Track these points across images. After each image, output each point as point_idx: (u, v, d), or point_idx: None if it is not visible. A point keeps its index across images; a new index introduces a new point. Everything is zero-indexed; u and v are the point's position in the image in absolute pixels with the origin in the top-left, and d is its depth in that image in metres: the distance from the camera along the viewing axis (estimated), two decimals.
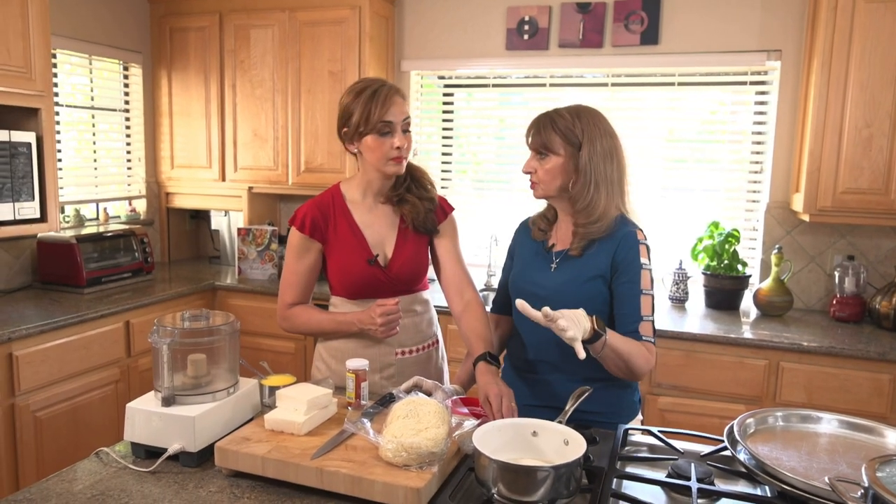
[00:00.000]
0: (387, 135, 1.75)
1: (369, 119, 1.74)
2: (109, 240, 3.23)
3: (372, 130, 1.75)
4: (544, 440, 1.32)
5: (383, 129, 1.75)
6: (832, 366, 2.50)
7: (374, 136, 1.75)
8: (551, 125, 1.62)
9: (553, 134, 1.61)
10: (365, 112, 1.74)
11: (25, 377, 2.45)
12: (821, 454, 1.38)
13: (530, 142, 1.66)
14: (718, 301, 3.02)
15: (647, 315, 1.59)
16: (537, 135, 1.63)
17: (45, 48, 2.65)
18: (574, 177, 1.63)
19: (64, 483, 1.32)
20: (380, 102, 1.74)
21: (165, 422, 1.39)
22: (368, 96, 1.75)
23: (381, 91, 1.75)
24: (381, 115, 1.73)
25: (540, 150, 1.63)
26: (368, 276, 1.83)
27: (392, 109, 1.75)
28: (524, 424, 1.34)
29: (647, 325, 1.58)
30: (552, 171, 1.62)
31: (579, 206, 1.63)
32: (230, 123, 3.64)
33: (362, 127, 1.75)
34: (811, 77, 2.81)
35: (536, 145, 1.64)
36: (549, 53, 3.37)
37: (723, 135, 3.26)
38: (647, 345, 1.58)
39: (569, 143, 1.61)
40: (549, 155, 1.62)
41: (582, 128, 1.62)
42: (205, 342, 1.48)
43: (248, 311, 3.35)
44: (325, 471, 1.26)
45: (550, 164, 1.62)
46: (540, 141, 1.63)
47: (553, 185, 1.64)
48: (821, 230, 3.04)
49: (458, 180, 3.77)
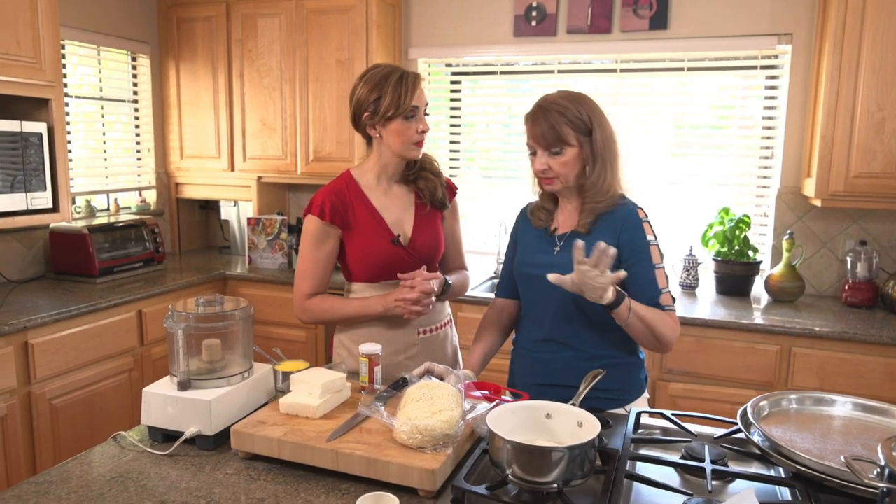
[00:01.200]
0: (412, 119, 1.80)
1: (400, 104, 1.77)
2: (121, 230, 3.25)
3: (400, 115, 1.78)
4: (558, 422, 1.32)
5: (410, 113, 1.79)
6: (844, 351, 2.50)
7: (401, 120, 1.79)
8: (560, 118, 1.59)
9: (565, 127, 1.59)
10: (395, 97, 1.77)
11: (41, 365, 2.48)
12: (835, 436, 1.38)
13: (537, 139, 1.62)
14: (729, 287, 3.02)
15: (665, 287, 1.62)
16: (547, 132, 1.60)
17: (55, 39, 2.66)
18: (591, 163, 1.63)
19: (83, 466, 1.34)
20: (409, 88, 1.78)
21: (181, 406, 1.41)
22: (396, 81, 1.78)
23: (407, 77, 1.79)
24: (410, 101, 1.78)
25: (553, 146, 1.60)
26: (392, 256, 1.85)
27: (418, 95, 1.80)
28: (538, 407, 1.34)
29: (667, 296, 1.62)
30: (569, 163, 1.62)
31: (595, 189, 1.64)
32: (238, 113, 3.64)
33: (391, 111, 1.77)
34: (822, 61, 2.79)
35: (548, 143, 1.60)
36: (557, 40, 3.35)
37: (733, 120, 3.24)
38: (671, 313, 1.61)
39: (580, 131, 1.61)
40: (563, 149, 1.60)
41: (588, 113, 1.62)
42: (219, 327, 1.49)
43: (258, 300, 3.37)
44: (341, 453, 1.27)
45: (566, 156, 1.61)
46: (552, 137, 1.60)
47: (571, 177, 1.64)
48: (833, 215, 3.02)
49: (465, 168, 3.76)
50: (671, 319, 1.61)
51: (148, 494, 1.23)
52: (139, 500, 1.21)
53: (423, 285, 1.78)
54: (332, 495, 1.23)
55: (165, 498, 1.22)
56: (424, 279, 1.79)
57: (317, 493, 1.24)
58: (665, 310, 1.60)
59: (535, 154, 1.65)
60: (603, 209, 1.64)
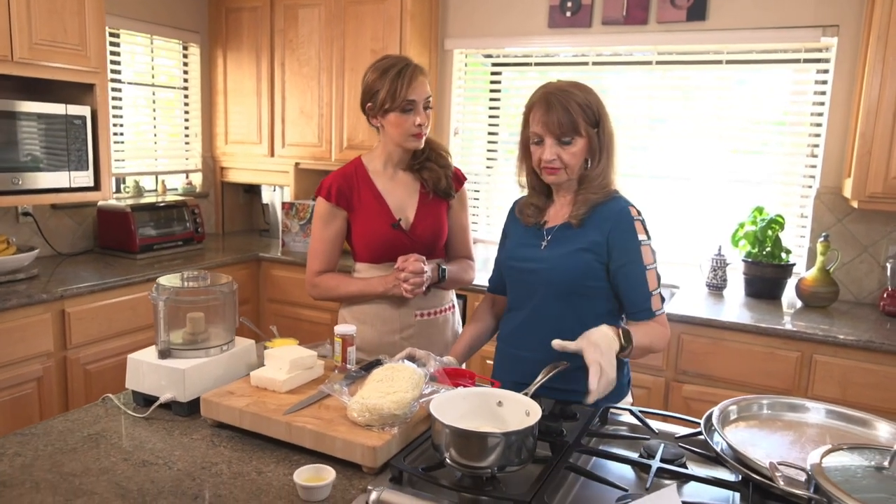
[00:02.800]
0: (409, 112, 1.84)
1: (395, 97, 1.82)
2: (163, 210, 3.43)
3: (396, 108, 1.83)
4: (508, 410, 1.33)
5: (406, 106, 1.83)
6: (870, 361, 2.36)
7: (398, 113, 1.84)
8: (577, 106, 1.54)
9: (579, 115, 1.55)
10: (391, 90, 1.82)
11: (77, 332, 2.66)
12: (806, 444, 1.33)
13: (549, 127, 1.55)
14: (759, 290, 2.90)
15: (655, 289, 1.59)
16: (566, 117, 1.54)
17: (100, 26, 2.83)
18: (595, 155, 1.61)
19: (67, 423, 1.45)
20: (405, 81, 1.81)
21: (160, 373, 1.49)
22: (394, 75, 1.82)
23: (406, 70, 1.83)
24: (406, 94, 1.82)
25: (566, 133, 1.55)
26: (392, 239, 1.92)
27: (416, 89, 1.83)
28: (490, 394, 1.35)
29: (657, 298, 1.60)
30: (579, 153, 1.58)
31: (594, 183, 1.61)
32: (279, 101, 3.77)
33: (387, 104, 1.83)
34: (868, 54, 2.63)
35: (565, 129, 1.54)
36: (592, 31, 3.29)
37: (777, 115, 3.10)
38: (661, 318, 1.60)
39: (589, 122, 1.58)
40: (574, 138, 1.56)
41: (596, 103, 1.59)
42: (201, 301, 1.57)
43: (289, 282, 3.49)
44: (294, 426, 1.32)
45: (577, 147, 1.57)
46: (570, 124, 1.54)
47: (577, 169, 1.61)
48: (875, 218, 2.85)
49: (503, 160, 3.75)
50: (662, 328, 1.59)
51: (115, 451, 1.32)
52: (105, 455, 1.30)
53: (413, 265, 1.84)
54: (281, 465, 1.29)
55: (129, 455, 1.31)
56: (416, 259, 1.85)
57: (267, 461, 1.30)
58: (655, 315, 1.59)
59: (539, 143, 1.59)
60: (598, 200, 1.61)
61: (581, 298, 1.62)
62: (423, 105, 1.86)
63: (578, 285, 1.61)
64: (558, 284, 1.62)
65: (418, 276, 1.83)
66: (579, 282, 1.61)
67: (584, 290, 1.61)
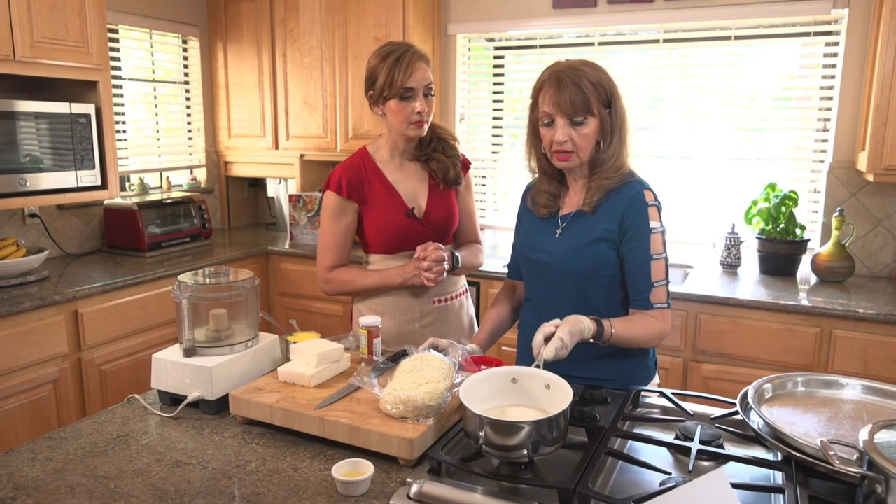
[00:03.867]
0: (408, 99, 1.81)
1: (393, 84, 1.79)
2: (169, 206, 3.40)
3: (395, 95, 1.80)
4: (525, 384, 1.31)
5: (405, 94, 1.80)
6: (891, 334, 2.35)
7: (397, 100, 1.81)
8: (590, 84, 1.49)
9: (592, 94, 1.50)
10: (389, 77, 1.79)
11: (90, 333, 2.64)
12: (843, 420, 1.31)
13: (562, 106, 1.50)
14: (774, 267, 2.88)
15: (660, 280, 1.54)
16: (578, 96, 1.49)
17: (101, 23, 2.79)
18: (608, 136, 1.56)
19: (95, 425, 1.43)
20: (403, 68, 1.78)
21: (186, 371, 1.48)
22: (393, 62, 1.80)
23: (404, 57, 1.79)
24: (403, 82, 1.79)
25: (579, 113, 1.50)
26: (407, 228, 1.90)
27: (414, 76, 1.80)
28: (504, 373, 1.34)
29: (660, 291, 1.54)
30: (590, 135, 1.53)
31: (606, 165, 1.57)
32: (282, 92, 3.73)
33: (386, 92, 1.81)
34: (881, 25, 2.59)
35: (577, 108, 1.49)
36: (598, 10, 3.24)
37: (787, 91, 3.07)
38: (659, 312, 1.54)
39: (601, 102, 1.53)
40: (587, 118, 1.51)
41: (608, 82, 1.55)
42: (223, 297, 1.55)
43: (299, 275, 3.47)
44: (327, 420, 1.31)
45: (589, 127, 1.52)
46: (582, 103, 1.49)
47: (588, 151, 1.56)
48: (890, 191, 2.83)
49: (508, 145, 3.72)
50: (658, 321, 1.53)
51: (147, 452, 1.31)
52: (138, 456, 1.29)
53: (434, 253, 1.83)
54: (316, 460, 1.27)
55: (162, 456, 1.29)
56: (435, 248, 1.84)
57: (302, 457, 1.29)
58: (653, 307, 1.53)
59: (549, 125, 1.54)
60: (612, 185, 1.57)
61: (598, 288, 1.60)
62: (423, 92, 1.82)
63: (594, 275, 1.58)
64: (574, 275, 1.59)
65: (439, 264, 1.81)
66: (595, 272, 1.58)
67: (599, 279, 1.59)
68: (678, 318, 2.62)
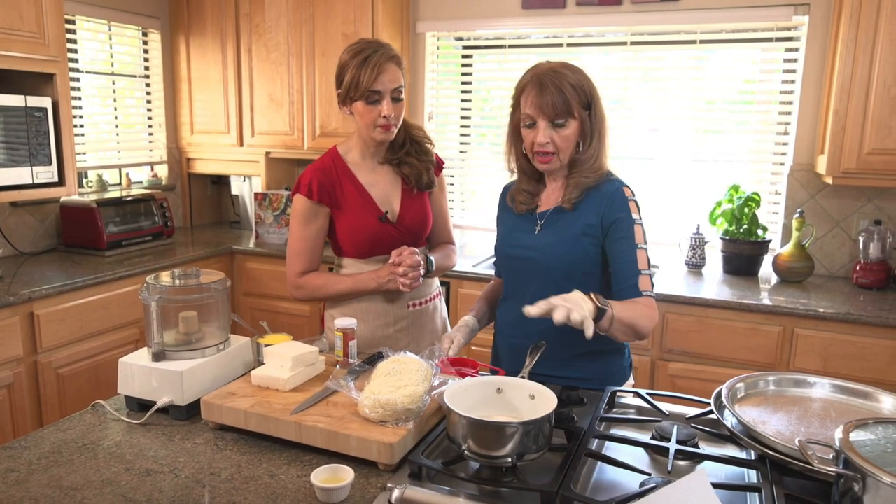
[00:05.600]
0: (375, 103, 1.75)
1: (358, 86, 1.74)
2: (130, 204, 3.30)
3: (361, 97, 1.75)
4: (511, 396, 1.31)
5: (371, 97, 1.74)
6: (850, 333, 2.43)
7: (363, 102, 1.76)
8: (571, 87, 1.51)
9: (572, 98, 1.51)
10: (354, 79, 1.73)
11: (47, 335, 2.54)
12: (812, 419, 1.35)
13: (543, 109, 1.51)
14: (737, 267, 2.95)
15: (645, 269, 1.55)
16: (559, 98, 1.50)
17: (58, 13, 2.68)
18: (587, 138, 1.58)
19: (59, 433, 1.37)
20: (369, 70, 1.72)
21: (155, 376, 1.43)
22: (360, 62, 1.73)
23: (372, 57, 1.73)
24: (369, 84, 1.73)
25: (560, 115, 1.52)
26: (380, 232, 1.86)
27: (381, 78, 1.73)
28: (489, 382, 1.33)
29: (646, 279, 1.55)
30: (571, 136, 1.55)
31: (585, 166, 1.59)
32: (247, 88, 3.65)
33: (352, 92, 1.76)
34: (840, 32, 2.67)
35: (559, 111, 1.51)
36: (567, 12, 3.27)
37: (748, 95, 3.14)
38: (648, 299, 1.54)
39: (582, 104, 1.55)
40: (568, 120, 1.53)
41: (588, 84, 1.56)
42: (194, 299, 1.51)
43: (265, 274, 3.40)
44: (304, 425, 1.28)
45: (570, 129, 1.54)
46: (564, 106, 1.51)
47: (570, 152, 1.58)
48: (846, 193, 2.92)
49: (476, 144, 3.72)
50: (649, 309, 1.52)
51: (115, 461, 1.26)
52: (105, 465, 1.24)
53: (410, 258, 1.79)
54: (293, 466, 1.25)
55: (131, 465, 1.25)
56: (411, 252, 1.80)
57: (279, 463, 1.26)
58: (642, 295, 1.54)
59: (531, 126, 1.56)
60: (590, 183, 1.59)
61: (577, 285, 1.61)
62: (392, 96, 1.76)
63: (574, 272, 1.60)
64: (554, 271, 1.61)
65: (415, 269, 1.79)
66: (575, 268, 1.59)
67: (580, 276, 1.60)
68: None
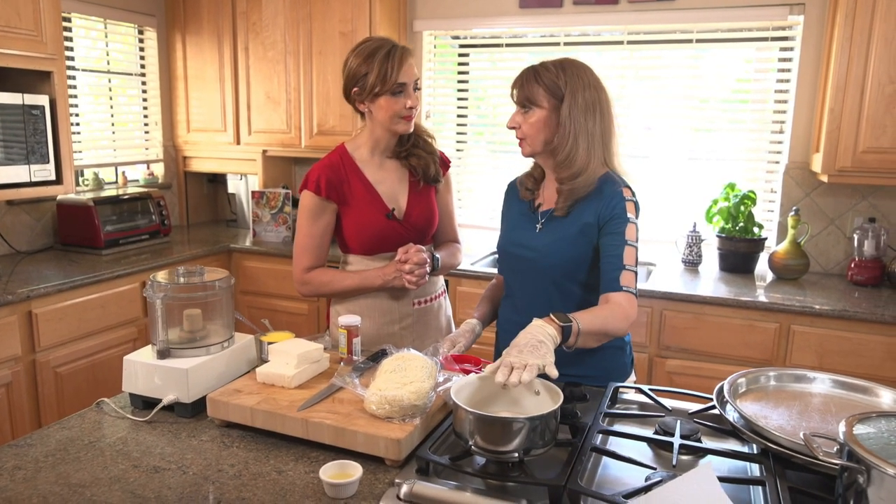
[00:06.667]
0: (399, 95, 1.79)
1: (386, 80, 1.76)
2: (127, 202, 3.29)
3: (386, 91, 1.78)
4: (515, 391, 1.31)
5: (397, 89, 1.78)
6: (845, 329, 2.45)
7: (388, 96, 1.79)
8: (535, 78, 1.59)
9: (536, 86, 1.58)
10: (381, 73, 1.76)
11: (45, 334, 2.54)
12: (813, 413, 1.36)
13: (515, 96, 1.63)
14: (733, 264, 2.97)
15: (630, 265, 1.55)
16: (521, 88, 1.60)
17: (56, 11, 2.67)
18: (565, 134, 1.59)
19: (64, 431, 1.38)
20: (395, 64, 1.77)
21: (160, 374, 1.43)
22: (384, 57, 1.77)
23: (395, 52, 1.78)
24: (396, 77, 1.77)
25: (524, 103, 1.60)
26: (387, 229, 1.87)
27: (406, 71, 1.79)
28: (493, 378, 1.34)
29: (629, 275, 1.54)
30: (536, 124, 1.60)
31: (559, 159, 1.60)
32: (243, 87, 3.65)
33: (378, 87, 1.78)
34: (835, 32, 2.70)
35: (521, 99, 1.61)
36: (564, 11, 3.28)
37: (743, 94, 3.16)
38: (626, 296, 1.52)
39: (552, 95, 1.58)
40: (532, 108, 1.59)
41: (566, 80, 1.59)
42: (199, 297, 1.51)
43: (262, 272, 3.40)
44: (311, 422, 1.29)
45: (534, 117, 1.60)
46: (524, 94, 1.60)
47: (538, 140, 1.61)
48: (841, 191, 2.95)
49: (473, 143, 3.73)
50: (622, 308, 1.50)
51: (122, 458, 1.26)
52: (113, 463, 1.24)
53: (416, 256, 1.80)
54: (300, 462, 1.25)
55: (138, 462, 1.25)
56: (417, 250, 1.81)
57: (286, 460, 1.26)
58: (621, 288, 1.52)
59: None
60: (581, 194, 1.59)
61: (575, 285, 1.63)
62: (413, 87, 1.82)
63: (572, 271, 1.61)
64: (552, 270, 1.62)
65: (421, 266, 1.80)
66: (572, 268, 1.61)
67: (577, 275, 1.61)
68: (643, 315, 2.68)
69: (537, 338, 1.32)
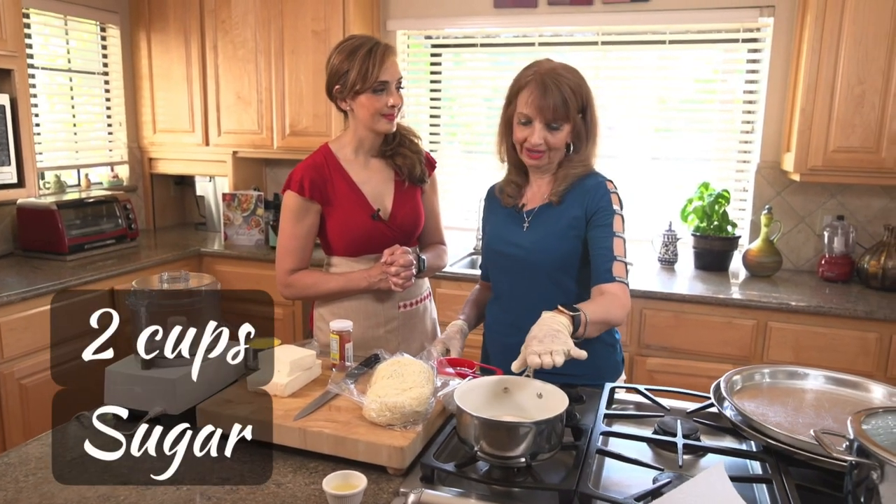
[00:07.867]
0: (381, 93, 1.76)
1: (367, 78, 1.73)
2: (91, 206, 3.17)
3: (367, 89, 1.74)
4: (518, 395, 1.31)
5: (378, 87, 1.75)
6: (820, 325, 2.51)
7: (369, 94, 1.75)
8: (571, 93, 1.53)
9: (571, 102, 1.53)
10: (362, 71, 1.73)
11: (8, 345, 2.42)
12: (807, 409, 1.38)
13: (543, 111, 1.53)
14: (708, 262, 3.01)
15: (621, 256, 1.56)
16: (561, 104, 1.52)
17: (16, 6, 2.56)
18: (580, 139, 1.61)
19: (43, 447, 1.31)
20: (377, 62, 1.73)
21: (146, 385, 1.37)
22: (365, 55, 1.74)
23: (376, 50, 1.75)
24: (378, 75, 1.73)
25: (557, 119, 1.53)
26: (372, 230, 1.84)
27: (388, 68, 1.76)
28: (496, 382, 1.33)
29: (620, 266, 1.56)
30: (564, 139, 1.58)
31: (574, 164, 1.61)
32: (213, 86, 3.55)
33: (359, 85, 1.75)
34: (804, 33, 2.76)
35: (559, 115, 1.53)
36: (538, 11, 3.28)
37: (714, 94, 3.21)
38: (620, 286, 1.53)
39: (578, 108, 1.57)
40: (563, 125, 1.55)
41: (586, 89, 1.59)
42: (184, 304, 1.45)
43: (235, 276, 3.32)
44: (309, 431, 1.25)
45: (564, 132, 1.57)
46: (564, 111, 1.52)
47: (560, 153, 1.61)
48: (811, 190, 3.02)
49: (446, 143, 3.71)
50: (619, 297, 1.51)
51: (109, 475, 1.20)
52: (100, 480, 1.18)
53: (402, 257, 1.77)
54: (300, 474, 1.21)
55: (127, 478, 1.19)
56: (403, 252, 1.79)
57: (284, 472, 1.22)
58: (614, 279, 1.53)
59: (527, 124, 1.57)
60: (577, 174, 1.62)
61: (570, 279, 1.62)
62: (396, 86, 1.79)
63: (565, 265, 1.61)
64: (543, 266, 1.61)
65: (407, 269, 1.77)
66: (564, 262, 1.61)
67: (570, 269, 1.61)
68: None
69: (553, 327, 1.31)
